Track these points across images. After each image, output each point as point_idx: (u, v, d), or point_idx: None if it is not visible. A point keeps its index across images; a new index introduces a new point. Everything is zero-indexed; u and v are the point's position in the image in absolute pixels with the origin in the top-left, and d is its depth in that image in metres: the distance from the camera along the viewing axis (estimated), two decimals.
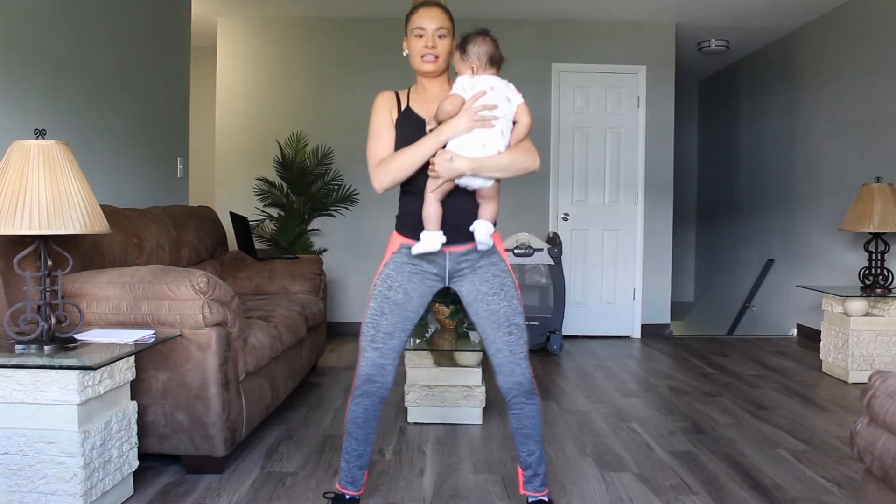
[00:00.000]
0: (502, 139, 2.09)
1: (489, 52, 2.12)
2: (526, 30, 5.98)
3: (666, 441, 3.24)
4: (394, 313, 2.18)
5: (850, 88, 5.33)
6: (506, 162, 2.10)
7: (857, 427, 2.03)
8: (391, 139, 2.17)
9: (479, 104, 2.05)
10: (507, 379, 2.21)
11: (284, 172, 5.80)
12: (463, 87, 2.09)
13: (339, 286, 5.97)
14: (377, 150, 2.18)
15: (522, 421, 2.22)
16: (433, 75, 2.22)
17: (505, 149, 2.10)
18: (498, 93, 2.08)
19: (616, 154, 6.03)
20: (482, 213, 2.16)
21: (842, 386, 4.30)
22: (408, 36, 2.23)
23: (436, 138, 2.06)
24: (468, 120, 2.04)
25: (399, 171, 2.11)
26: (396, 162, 2.11)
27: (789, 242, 6.28)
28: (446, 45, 2.20)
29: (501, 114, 2.08)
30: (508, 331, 2.19)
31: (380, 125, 2.20)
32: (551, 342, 5.29)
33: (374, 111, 2.23)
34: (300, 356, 3.82)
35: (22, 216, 2.23)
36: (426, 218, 2.11)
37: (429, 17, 2.19)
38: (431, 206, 2.10)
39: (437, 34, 2.18)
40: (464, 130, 2.05)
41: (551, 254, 5.32)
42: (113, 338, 2.43)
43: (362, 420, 2.20)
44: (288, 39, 6.04)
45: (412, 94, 2.25)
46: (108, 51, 3.84)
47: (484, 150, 2.06)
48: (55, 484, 2.18)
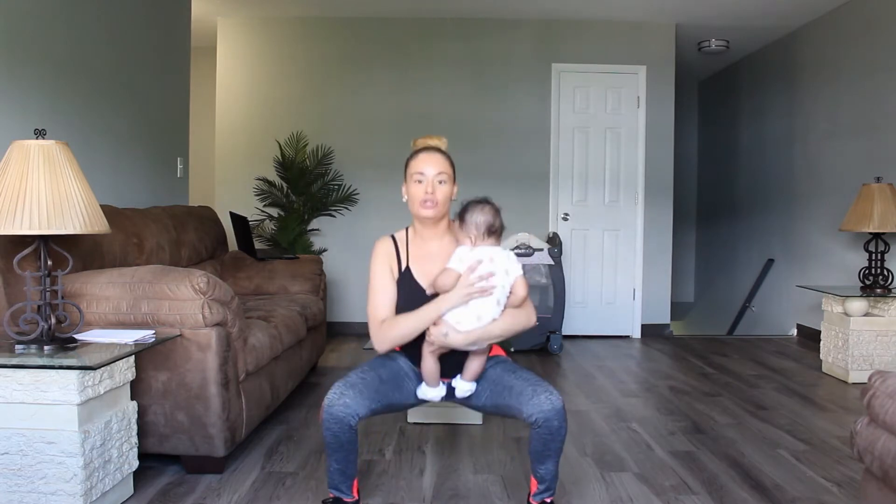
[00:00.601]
0: (497, 308, 2.14)
1: (487, 224, 2.15)
2: (526, 30, 5.98)
3: (666, 441, 3.24)
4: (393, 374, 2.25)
5: (850, 88, 5.33)
6: (500, 332, 2.16)
7: (857, 427, 2.03)
8: (392, 297, 2.23)
9: (476, 276, 2.08)
10: (531, 402, 2.08)
11: (284, 172, 5.80)
12: (460, 259, 2.12)
13: (339, 286, 5.97)
14: (378, 308, 2.23)
15: (549, 444, 2.10)
16: (432, 222, 2.24)
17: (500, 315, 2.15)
18: (496, 263, 2.12)
19: (616, 154, 6.03)
20: (467, 369, 2.22)
21: (842, 386, 4.30)
22: (407, 181, 2.24)
23: (435, 311, 2.12)
24: (464, 294, 2.09)
25: (399, 339, 2.19)
26: (397, 331, 2.17)
27: (789, 242, 6.28)
28: (446, 190, 2.21)
29: (498, 284, 2.11)
30: (512, 371, 2.22)
31: (379, 280, 2.25)
32: (551, 342, 5.29)
33: (373, 262, 2.27)
34: (300, 356, 3.82)
35: (22, 216, 2.23)
36: (425, 375, 2.21)
37: (429, 162, 2.20)
38: (430, 364, 2.19)
39: (437, 179, 2.19)
40: (460, 303, 2.10)
41: (551, 254, 5.32)
42: (113, 338, 2.43)
43: (335, 445, 2.12)
44: (288, 39, 6.05)
45: (412, 247, 2.27)
46: (108, 51, 3.84)
47: (479, 321, 2.12)
48: (55, 484, 2.18)
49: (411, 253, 2.26)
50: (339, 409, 2.08)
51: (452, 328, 2.11)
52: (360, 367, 2.25)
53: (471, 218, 2.15)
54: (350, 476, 2.22)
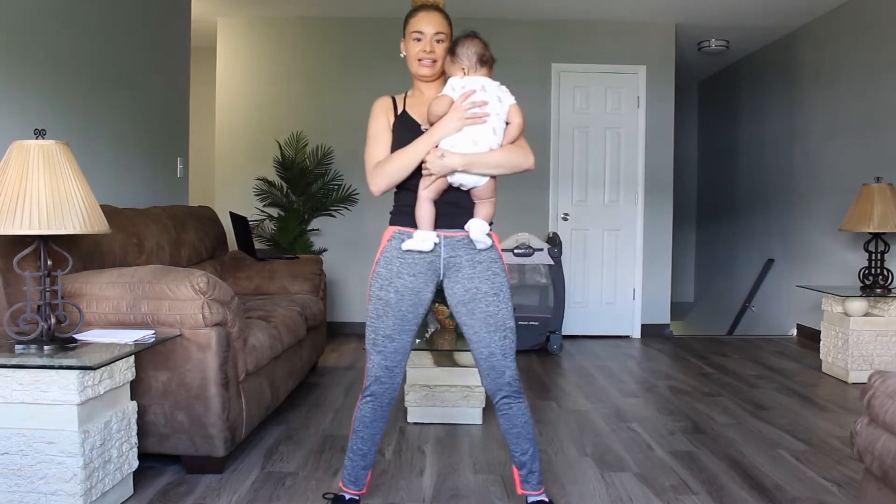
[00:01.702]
0: (494, 137, 2.11)
1: (478, 53, 2.14)
2: (526, 30, 5.98)
3: (666, 441, 3.24)
4: (388, 315, 2.16)
5: (850, 88, 5.33)
6: (498, 159, 2.12)
7: (856, 427, 2.03)
8: (388, 143, 2.19)
9: (469, 102, 2.07)
10: (496, 380, 2.19)
11: (284, 172, 5.80)
12: (452, 88, 2.11)
13: (339, 286, 5.97)
14: (374, 153, 2.20)
15: (512, 420, 2.20)
16: (430, 79, 2.23)
17: (497, 147, 2.12)
18: (489, 92, 2.10)
19: (616, 154, 6.03)
20: (477, 212, 2.17)
21: (842, 386, 4.30)
22: (405, 38, 2.23)
23: (428, 138, 2.09)
24: (457, 119, 2.06)
25: (394, 173, 2.13)
26: (391, 164, 2.14)
27: (789, 242, 6.28)
28: (444, 49, 2.20)
29: (492, 112, 2.09)
30: (504, 335, 2.18)
31: (376, 129, 2.22)
32: (551, 342, 5.29)
33: (371, 116, 2.25)
34: (300, 356, 3.82)
35: (22, 216, 2.23)
36: (419, 218, 2.12)
37: (427, 20, 2.19)
38: (424, 206, 2.12)
39: (435, 38, 2.18)
40: (454, 129, 2.07)
41: (551, 254, 5.32)
42: (113, 338, 2.43)
43: (370, 419, 2.21)
44: (288, 39, 6.05)
45: (408, 99, 2.26)
46: (108, 51, 3.84)
47: (475, 146, 2.08)
48: (55, 484, 2.18)
49: (408, 102, 2.25)
50: (378, 387, 2.19)
51: (448, 151, 2.07)
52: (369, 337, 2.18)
53: (462, 50, 2.13)
54: (370, 462, 2.27)
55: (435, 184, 2.10)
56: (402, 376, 2.22)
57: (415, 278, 2.16)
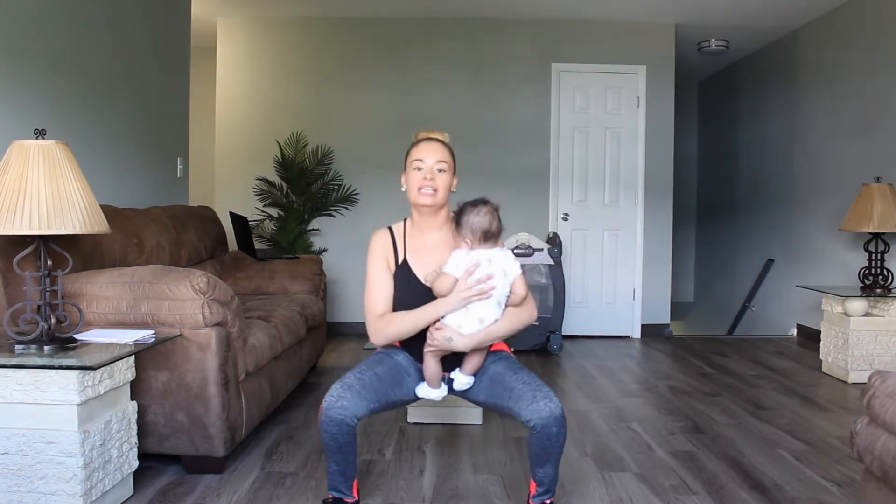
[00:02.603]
0: (498, 310, 2.13)
1: (483, 228, 2.11)
2: (526, 30, 5.98)
3: (666, 441, 3.24)
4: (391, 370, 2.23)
5: (850, 88, 5.33)
6: (503, 332, 2.17)
7: (856, 427, 2.03)
8: (389, 290, 2.23)
9: (473, 279, 2.06)
10: (531, 407, 2.05)
11: (284, 172, 5.80)
12: (457, 263, 2.10)
13: (339, 286, 5.97)
14: (375, 302, 2.24)
15: (548, 449, 2.09)
16: (431, 211, 2.21)
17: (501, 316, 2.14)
18: (494, 265, 2.10)
19: (616, 154, 6.03)
20: (467, 364, 2.21)
21: (842, 386, 4.30)
22: (406, 170, 2.23)
23: (433, 313, 2.12)
24: (462, 299, 2.08)
25: (397, 335, 2.21)
26: (395, 327, 2.18)
27: (789, 242, 6.28)
28: (445, 179, 2.19)
29: (497, 286, 2.10)
30: (514, 371, 2.18)
31: (377, 273, 2.25)
32: (551, 342, 5.29)
33: (369, 255, 2.27)
34: (300, 356, 3.82)
35: (22, 216, 2.23)
36: (427, 376, 2.21)
37: (428, 150, 2.19)
38: (431, 366, 2.18)
39: (437, 167, 2.18)
40: (458, 308, 2.09)
41: (551, 254, 5.32)
42: (113, 338, 2.43)
43: (334, 447, 2.09)
44: (288, 39, 6.05)
45: (409, 240, 2.25)
46: (108, 51, 3.84)
47: (481, 324, 2.11)
48: (55, 484, 2.18)
49: (409, 245, 2.24)
50: (337, 411, 2.05)
51: (455, 332, 2.10)
52: (357, 367, 2.23)
53: (466, 222, 2.11)
54: (350, 477, 2.21)
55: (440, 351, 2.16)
56: (363, 412, 2.07)
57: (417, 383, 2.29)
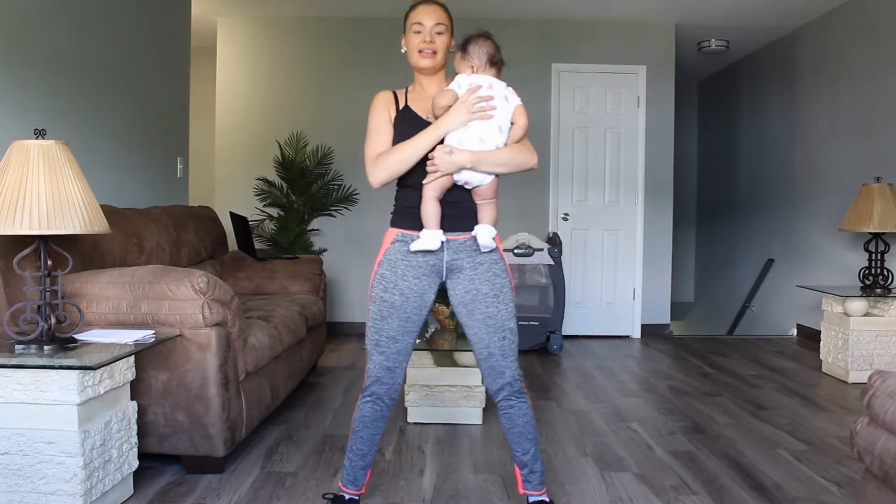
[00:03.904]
0: (500, 136, 2.10)
1: (489, 53, 2.14)
2: (526, 30, 5.98)
3: (666, 441, 3.24)
4: (393, 317, 2.16)
5: (850, 88, 5.33)
6: (504, 157, 2.10)
7: (856, 427, 2.03)
8: (389, 137, 2.18)
9: (475, 97, 2.06)
10: (496, 380, 2.20)
11: (284, 172, 5.80)
12: (459, 84, 2.10)
13: (339, 286, 5.97)
14: (375, 146, 2.18)
15: (514, 420, 2.20)
16: (430, 72, 2.22)
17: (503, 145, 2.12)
18: (496, 91, 2.10)
19: (616, 154, 6.03)
20: (482, 216, 2.15)
21: (842, 386, 4.30)
22: (406, 33, 2.23)
23: (433, 132, 2.07)
24: (465, 112, 2.05)
25: (396, 165, 2.11)
26: (394, 156, 2.12)
27: (789, 242, 6.28)
28: (444, 41, 2.19)
29: (499, 109, 2.08)
30: (503, 335, 2.18)
31: (377, 123, 2.21)
32: (551, 342, 5.29)
33: (371, 110, 2.24)
34: (300, 356, 3.82)
35: (22, 216, 2.23)
36: (425, 216, 2.10)
37: (427, 13, 2.19)
38: (430, 204, 2.09)
39: (435, 30, 2.18)
40: (461, 123, 2.06)
41: (551, 254, 5.32)
42: (113, 338, 2.43)
43: (369, 420, 2.20)
44: (288, 39, 6.04)
45: (410, 94, 2.26)
46: (108, 51, 3.84)
47: (482, 144, 2.07)
48: (55, 484, 2.18)
49: (410, 97, 2.24)
50: (378, 387, 2.18)
51: (456, 148, 2.06)
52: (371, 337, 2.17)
53: (473, 48, 2.14)
54: (369, 463, 2.26)
55: (439, 181, 2.08)
56: (402, 377, 2.22)
57: (419, 280, 2.16)
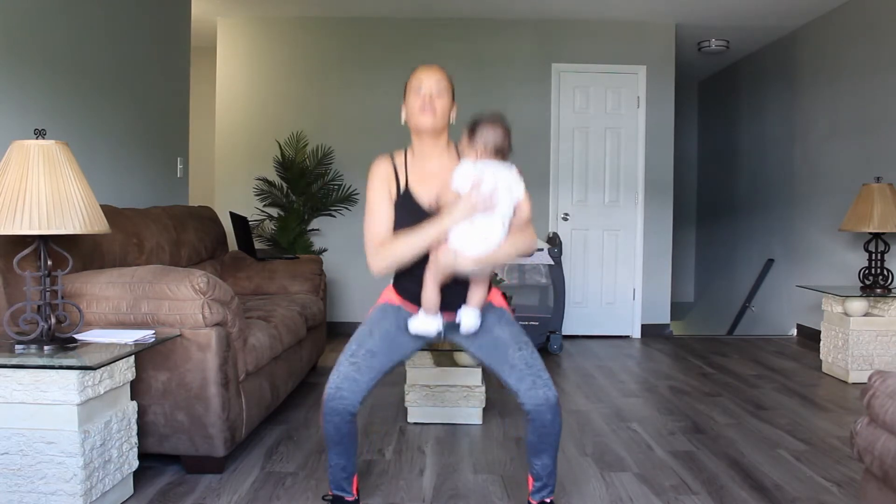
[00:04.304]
0: (503, 230, 2.10)
1: (496, 143, 2.09)
2: (526, 30, 5.98)
3: (666, 441, 3.24)
4: (383, 339, 2.18)
5: (850, 88, 5.33)
6: (506, 255, 2.12)
7: (856, 427, 2.03)
8: (390, 219, 2.17)
9: (478, 194, 2.03)
10: (529, 394, 2.09)
11: (284, 172, 5.80)
12: (462, 174, 2.07)
13: (339, 286, 5.97)
14: (376, 229, 2.18)
15: (545, 438, 2.12)
16: (431, 134, 2.16)
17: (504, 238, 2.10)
18: (500, 181, 2.07)
19: (616, 154, 6.03)
20: (471, 298, 2.16)
21: (842, 386, 4.30)
22: (405, 98, 2.19)
23: (437, 229, 2.05)
24: (466, 209, 2.02)
25: (399, 258, 2.12)
26: (396, 249, 2.11)
27: (789, 242, 6.28)
28: (445, 103, 2.16)
29: (502, 203, 2.07)
30: (518, 347, 2.16)
31: (377, 199, 2.19)
32: (551, 342, 5.29)
33: (370, 182, 2.21)
34: (300, 356, 3.82)
35: (22, 216, 2.23)
36: (426, 302, 2.13)
37: (428, 74, 2.17)
38: (431, 292, 2.12)
39: (436, 90, 2.14)
40: (463, 220, 2.03)
41: (551, 254, 5.32)
42: (113, 338, 2.43)
43: (336, 438, 2.14)
44: (288, 39, 6.05)
45: (410, 167, 2.20)
46: (108, 51, 3.84)
47: (486, 244, 2.07)
48: (55, 484, 2.18)
49: (410, 173, 2.19)
50: (338, 402, 2.10)
51: (461, 253, 2.05)
52: (349, 348, 2.19)
53: (480, 133, 2.08)
54: (351, 473, 2.22)
55: (442, 273, 2.09)
56: (363, 395, 2.12)
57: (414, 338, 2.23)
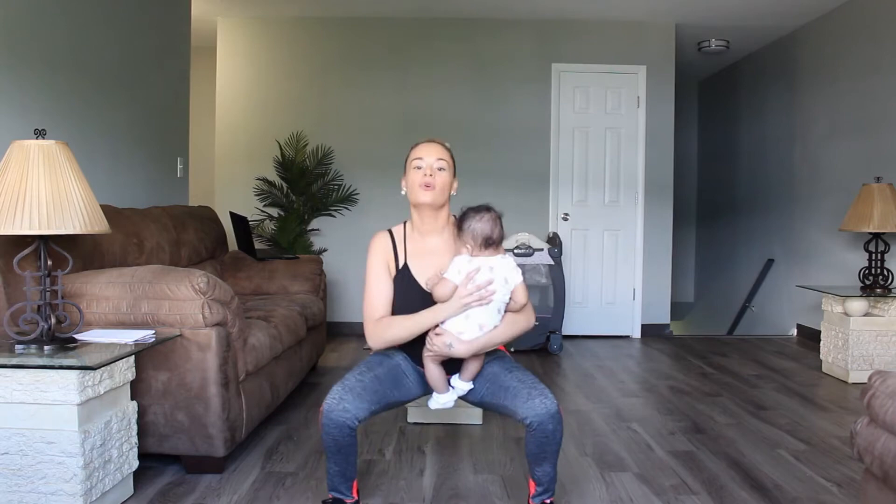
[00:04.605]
0: (498, 316, 2.13)
1: (484, 235, 2.10)
2: (526, 30, 5.98)
3: (666, 441, 3.24)
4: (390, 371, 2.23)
5: (850, 88, 5.33)
6: (502, 338, 2.16)
7: (857, 427, 2.03)
8: (388, 295, 2.22)
9: (473, 285, 2.05)
10: (526, 405, 2.07)
11: (284, 172, 5.80)
12: (458, 269, 2.09)
13: (339, 286, 5.97)
14: (374, 306, 2.23)
15: (545, 447, 2.10)
16: (430, 209, 2.19)
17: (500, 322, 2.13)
18: (496, 273, 2.09)
19: (616, 154, 6.03)
20: (466, 370, 2.20)
21: (842, 386, 4.30)
22: (406, 172, 2.21)
23: (432, 318, 2.12)
24: (461, 306, 2.07)
25: (395, 340, 2.19)
26: (393, 332, 2.17)
27: (789, 242, 6.28)
28: (445, 178, 2.18)
29: (498, 292, 2.09)
30: (508, 370, 2.19)
31: (377, 275, 2.24)
32: (551, 342, 5.29)
33: (370, 256, 2.26)
34: (300, 356, 3.82)
35: (22, 216, 2.23)
36: (432, 383, 2.20)
37: (428, 149, 2.19)
38: (434, 372, 2.18)
39: (436, 166, 2.16)
40: (457, 313, 2.08)
41: (551, 254, 5.32)
42: (113, 338, 2.43)
43: (335, 449, 2.11)
44: (288, 39, 6.05)
45: (409, 244, 2.24)
46: (108, 51, 3.84)
47: (481, 330, 2.11)
48: (55, 484, 2.18)
49: (409, 249, 2.23)
50: (339, 414, 2.06)
51: (456, 339, 2.09)
52: (357, 369, 2.23)
53: (468, 227, 2.10)
54: (349, 478, 2.21)
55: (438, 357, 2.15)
56: (364, 415, 2.09)
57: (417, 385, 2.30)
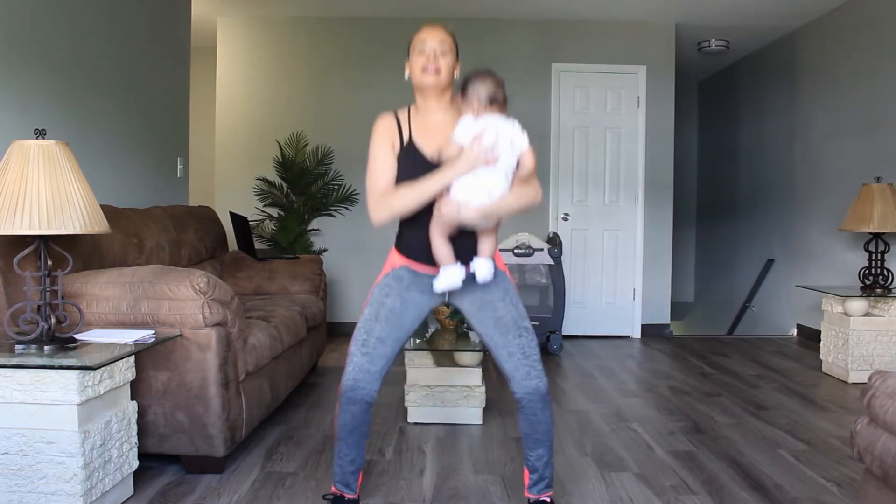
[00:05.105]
0: (506, 183, 2.08)
1: (489, 93, 2.08)
2: (526, 30, 5.98)
3: (666, 441, 3.24)
4: (388, 321, 2.17)
5: (850, 88, 5.33)
6: (510, 206, 2.09)
7: (857, 427, 2.03)
8: (392, 170, 2.14)
9: (479, 148, 2.02)
10: (522, 383, 2.16)
11: (284, 172, 5.80)
12: (464, 130, 2.07)
13: (339, 286, 5.97)
14: (378, 181, 2.14)
15: (536, 427, 2.18)
16: (434, 92, 2.17)
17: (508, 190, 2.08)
18: (501, 135, 2.06)
19: (616, 154, 6.03)
20: (482, 250, 2.15)
21: (842, 386, 4.30)
22: (409, 56, 2.20)
23: (439, 180, 2.04)
24: (468, 162, 2.01)
25: (400, 209, 2.09)
26: (398, 200, 2.08)
27: (789, 242, 6.28)
28: (448, 62, 2.16)
29: (504, 156, 2.05)
30: (518, 333, 2.18)
31: (381, 154, 2.16)
32: (551, 342, 5.29)
33: (374, 137, 2.19)
34: (300, 356, 3.82)
35: (22, 216, 2.23)
36: (439, 257, 2.11)
37: (430, 33, 2.17)
38: (441, 246, 2.10)
39: (439, 49, 2.14)
40: (465, 173, 2.02)
41: (551, 254, 5.32)
42: (113, 338, 2.43)
43: (351, 426, 2.18)
44: (288, 39, 6.05)
45: (413, 121, 2.20)
46: (108, 51, 3.84)
47: (489, 196, 2.06)
48: (55, 484, 2.18)
49: (414, 127, 2.19)
50: (355, 392, 2.15)
51: (464, 205, 2.04)
52: (358, 338, 2.18)
53: (472, 88, 2.09)
54: (359, 466, 2.24)
55: (446, 226, 2.08)
56: (380, 383, 2.18)
57: (421, 294, 2.20)
